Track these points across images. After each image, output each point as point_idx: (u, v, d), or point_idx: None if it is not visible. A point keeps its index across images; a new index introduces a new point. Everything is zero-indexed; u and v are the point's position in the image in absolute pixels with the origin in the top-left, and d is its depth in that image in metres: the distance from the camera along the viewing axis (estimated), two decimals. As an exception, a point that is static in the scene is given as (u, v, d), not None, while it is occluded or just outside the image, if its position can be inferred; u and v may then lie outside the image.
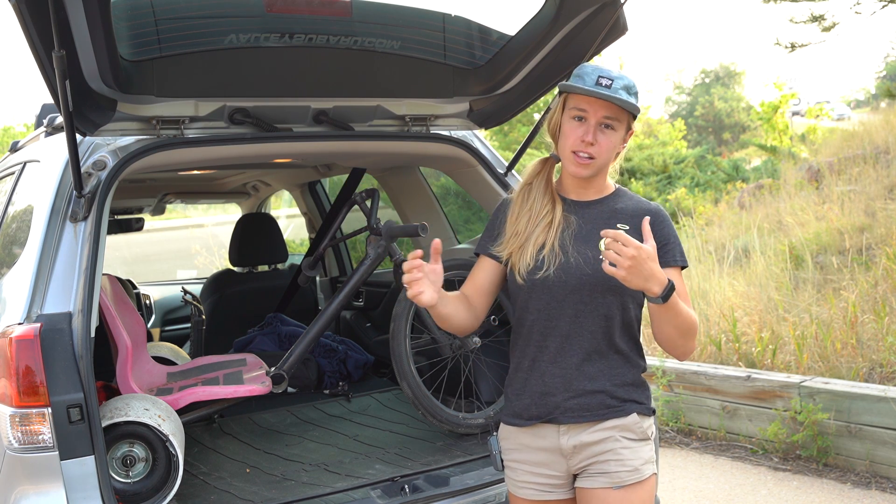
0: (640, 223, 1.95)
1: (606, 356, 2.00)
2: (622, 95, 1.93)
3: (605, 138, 1.97)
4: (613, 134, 1.98)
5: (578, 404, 1.98)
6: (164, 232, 14.96)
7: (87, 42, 2.13)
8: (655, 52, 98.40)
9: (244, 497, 2.64)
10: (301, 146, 2.90)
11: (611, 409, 1.99)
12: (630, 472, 1.97)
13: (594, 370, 1.99)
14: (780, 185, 10.32)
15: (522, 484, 2.08)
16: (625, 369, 2.02)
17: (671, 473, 4.72)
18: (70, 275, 2.26)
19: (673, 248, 2.02)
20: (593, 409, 1.98)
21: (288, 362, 3.16)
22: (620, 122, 1.97)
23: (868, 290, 6.00)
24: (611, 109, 1.95)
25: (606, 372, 1.99)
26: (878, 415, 4.36)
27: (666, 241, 2.01)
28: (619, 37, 2.66)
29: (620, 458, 1.97)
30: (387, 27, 2.62)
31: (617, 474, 1.96)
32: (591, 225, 2.03)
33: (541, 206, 2.06)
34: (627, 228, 1.95)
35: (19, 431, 2.09)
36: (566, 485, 2.05)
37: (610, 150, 1.99)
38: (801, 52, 8.55)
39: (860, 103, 39.41)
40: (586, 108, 1.96)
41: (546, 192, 2.08)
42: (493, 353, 3.26)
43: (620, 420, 1.99)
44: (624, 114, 1.97)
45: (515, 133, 16.99)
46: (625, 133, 2.02)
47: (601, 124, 1.96)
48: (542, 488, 2.06)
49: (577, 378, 1.98)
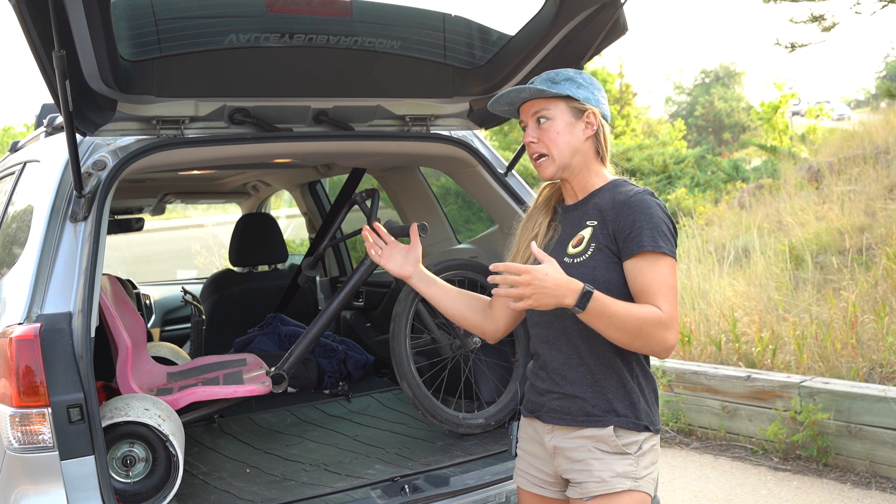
0: (608, 215, 1.92)
1: (587, 363, 1.95)
2: (535, 84, 1.97)
3: (543, 132, 1.98)
4: (550, 123, 1.97)
5: (561, 406, 1.98)
6: (164, 232, 14.97)
7: (87, 42, 2.13)
8: (655, 52, 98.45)
9: (244, 497, 2.64)
10: (301, 146, 2.90)
11: (590, 418, 1.95)
12: (597, 483, 1.92)
13: (576, 375, 1.96)
14: (780, 185, 10.32)
15: (520, 472, 2.14)
16: (607, 376, 1.94)
17: (671, 473, 4.72)
18: (70, 275, 2.26)
19: (638, 234, 1.85)
20: (573, 413, 1.97)
21: (288, 362, 3.16)
22: (550, 109, 1.96)
23: (868, 290, 6.00)
24: (535, 103, 1.99)
25: (588, 378, 1.95)
26: (878, 415, 4.36)
27: (629, 229, 1.86)
28: (619, 37, 2.66)
29: (589, 468, 1.94)
30: (387, 27, 2.62)
31: (585, 485, 1.94)
32: (569, 229, 2.02)
33: (534, 223, 2.10)
34: (595, 224, 1.94)
35: (19, 431, 2.09)
36: (556, 484, 2.05)
37: (555, 140, 1.96)
38: (801, 52, 8.56)
39: (860, 103, 39.42)
40: (522, 116, 2.04)
41: (541, 209, 2.11)
42: (493, 353, 3.26)
43: (597, 431, 1.94)
44: (552, 101, 1.96)
45: (515, 133, 16.99)
46: (572, 117, 1.96)
47: (535, 121, 1.99)
48: (535, 481, 2.09)
49: (561, 382, 1.98)
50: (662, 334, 1.82)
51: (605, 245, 1.91)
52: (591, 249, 1.92)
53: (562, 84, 1.96)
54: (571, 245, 1.96)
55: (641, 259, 1.85)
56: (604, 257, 1.91)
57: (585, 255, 1.92)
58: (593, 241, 1.93)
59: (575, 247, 1.95)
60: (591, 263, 1.91)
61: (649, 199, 1.90)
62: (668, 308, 1.82)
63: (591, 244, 1.93)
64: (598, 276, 1.88)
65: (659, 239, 1.85)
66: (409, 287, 3.09)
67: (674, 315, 1.83)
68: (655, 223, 1.86)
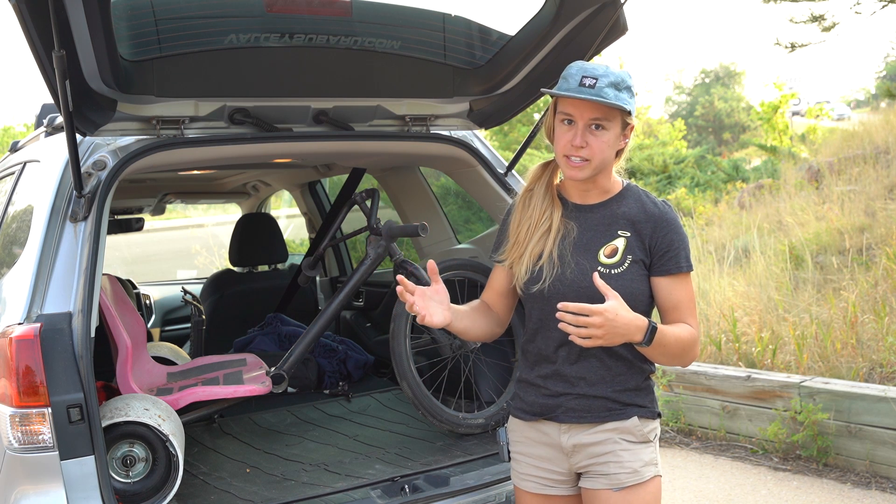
0: (644, 229, 1.96)
1: (607, 364, 1.97)
2: (607, 94, 1.86)
3: (596, 139, 1.90)
4: (605, 133, 1.90)
5: (580, 405, 1.99)
6: (164, 232, 14.97)
7: (87, 42, 2.13)
8: (655, 52, 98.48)
9: (244, 497, 2.64)
10: (301, 146, 2.90)
11: (612, 412, 1.98)
12: (629, 473, 1.96)
13: (595, 377, 1.98)
14: (780, 185, 10.32)
15: (525, 476, 2.11)
16: (627, 375, 1.99)
17: (671, 473, 4.72)
18: (70, 275, 2.26)
19: (676, 255, 1.96)
20: (594, 410, 1.98)
21: (288, 362, 3.16)
22: (610, 120, 1.90)
23: (868, 290, 6.00)
24: (598, 110, 1.88)
25: (609, 379, 1.98)
26: (878, 415, 4.36)
27: (667, 248, 1.96)
28: (619, 37, 2.66)
29: (619, 459, 1.96)
30: (387, 27, 2.62)
31: (616, 476, 1.96)
32: (592, 233, 1.99)
33: (540, 212, 2.03)
34: (629, 236, 1.96)
35: (19, 431, 2.09)
36: (569, 481, 2.06)
37: (604, 150, 1.92)
38: (801, 52, 8.56)
39: (860, 103, 39.41)
40: (572, 112, 1.91)
41: (546, 197, 2.05)
42: (493, 353, 3.26)
43: (620, 422, 1.98)
44: (614, 112, 1.90)
45: (515, 133, 16.99)
46: (621, 130, 1.94)
47: (590, 125, 1.90)
48: (545, 482, 2.07)
49: (579, 383, 1.98)
50: (694, 350, 1.97)
51: (640, 258, 1.96)
52: (627, 262, 1.95)
53: (623, 94, 1.89)
54: (604, 254, 1.97)
55: (678, 278, 1.97)
56: (638, 269, 1.96)
57: (622, 268, 1.95)
58: (629, 252, 1.96)
59: (609, 256, 1.97)
60: (629, 276, 1.95)
61: (677, 216, 2.03)
62: (695, 324, 1.98)
63: (626, 256, 1.96)
64: (635, 289, 1.94)
65: (690, 258, 1.99)
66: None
67: (698, 330, 2.00)
68: (686, 242, 2.00)
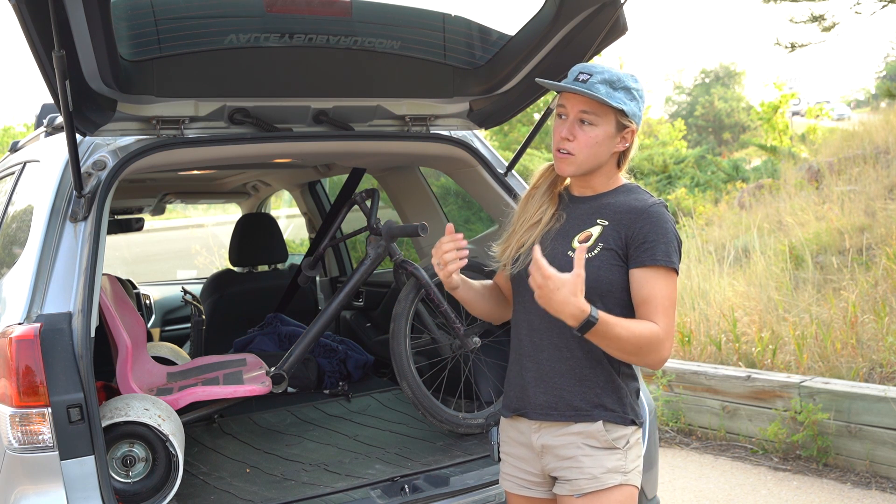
0: (623, 220, 1.93)
1: (576, 355, 1.94)
2: (598, 89, 1.87)
3: (583, 133, 1.91)
4: (593, 129, 1.91)
5: (546, 401, 1.97)
6: (164, 232, 14.98)
7: (87, 42, 2.13)
8: (655, 52, 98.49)
9: (244, 497, 2.64)
10: (301, 146, 2.90)
11: (578, 413, 1.94)
12: (588, 479, 1.93)
13: (563, 367, 1.95)
14: (780, 185, 10.32)
15: (507, 476, 2.12)
16: (595, 371, 1.95)
17: (671, 473, 4.72)
18: (70, 275, 2.26)
19: (652, 247, 1.88)
20: (560, 408, 1.96)
21: (288, 362, 3.16)
22: (599, 116, 1.90)
23: (868, 290, 6.00)
24: (587, 104, 1.90)
25: (576, 371, 1.95)
26: (878, 415, 4.36)
27: (643, 239, 1.89)
28: (619, 37, 2.66)
29: (580, 465, 1.94)
30: (387, 27, 2.62)
31: (577, 482, 1.94)
32: (575, 221, 2.00)
33: (535, 208, 2.06)
34: (606, 224, 1.94)
35: (19, 431, 2.09)
36: (544, 483, 2.05)
37: (590, 146, 1.92)
38: (801, 52, 8.56)
39: (860, 103, 39.38)
40: (565, 104, 1.94)
41: (545, 195, 2.07)
42: (493, 353, 3.26)
43: (586, 426, 1.94)
44: (604, 109, 1.90)
45: (515, 133, 16.99)
46: (615, 130, 1.93)
47: (579, 119, 1.92)
48: (521, 483, 2.08)
49: (548, 374, 1.97)
50: (658, 351, 1.86)
51: (613, 247, 1.92)
52: (597, 248, 1.93)
53: (619, 93, 1.90)
54: (577, 239, 1.95)
55: (652, 271, 1.89)
56: (609, 258, 1.91)
57: (592, 253, 1.92)
58: (601, 240, 1.93)
59: (581, 242, 1.95)
60: (596, 262, 1.91)
61: (666, 213, 1.95)
62: (666, 324, 1.87)
63: (598, 243, 1.93)
64: (600, 276, 1.90)
65: (672, 254, 1.90)
66: (410, 287, 3.11)
67: (670, 331, 1.88)
68: (670, 238, 1.91)
